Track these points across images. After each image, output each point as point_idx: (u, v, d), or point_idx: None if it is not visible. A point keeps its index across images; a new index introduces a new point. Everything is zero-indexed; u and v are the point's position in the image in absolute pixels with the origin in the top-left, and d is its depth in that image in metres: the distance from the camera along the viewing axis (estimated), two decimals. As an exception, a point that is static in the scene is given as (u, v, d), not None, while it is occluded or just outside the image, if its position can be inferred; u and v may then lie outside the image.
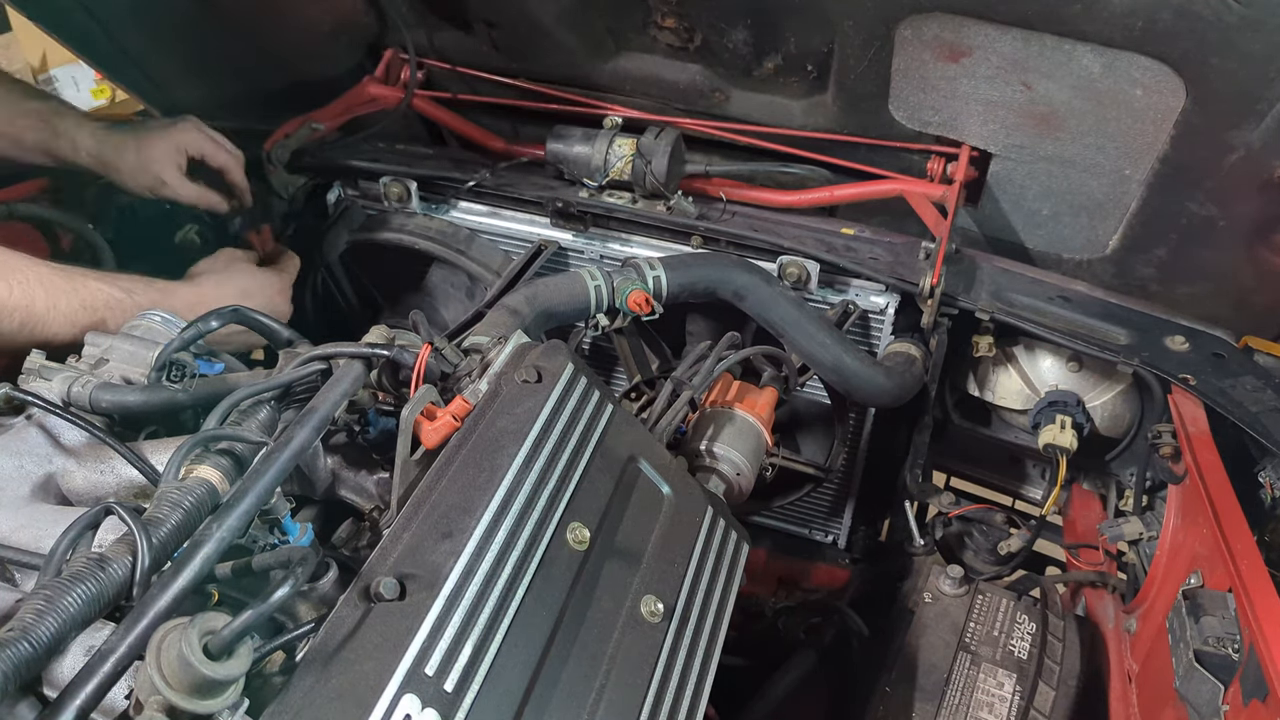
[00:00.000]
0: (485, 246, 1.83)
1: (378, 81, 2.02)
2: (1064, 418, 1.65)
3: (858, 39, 1.60)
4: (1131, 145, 1.57)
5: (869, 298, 1.68)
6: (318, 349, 1.12)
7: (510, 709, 0.85)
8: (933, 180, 1.78)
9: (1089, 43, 1.44)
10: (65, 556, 0.82)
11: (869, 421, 1.83)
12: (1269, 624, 1.05)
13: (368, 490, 1.16)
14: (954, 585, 1.53)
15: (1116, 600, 1.57)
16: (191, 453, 0.94)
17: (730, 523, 1.20)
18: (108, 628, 0.80)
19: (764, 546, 1.99)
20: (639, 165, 1.71)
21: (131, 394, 1.12)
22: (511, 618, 0.88)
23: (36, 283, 1.24)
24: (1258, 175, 1.48)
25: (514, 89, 2.02)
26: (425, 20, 1.97)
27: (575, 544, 0.99)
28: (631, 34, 1.82)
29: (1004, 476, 2.00)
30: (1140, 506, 1.61)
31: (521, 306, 1.37)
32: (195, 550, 0.82)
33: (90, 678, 0.73)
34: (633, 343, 1.75)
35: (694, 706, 1.02)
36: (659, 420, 1.36)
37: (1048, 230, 1.81)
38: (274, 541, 0.96)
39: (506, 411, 1.02)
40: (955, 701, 1.36)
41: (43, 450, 1.08)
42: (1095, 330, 1.59)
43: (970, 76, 1.59)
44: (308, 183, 1.91)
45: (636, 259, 1.54)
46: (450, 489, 0.94)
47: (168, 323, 1.30)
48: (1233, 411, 1.41)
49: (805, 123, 1.84)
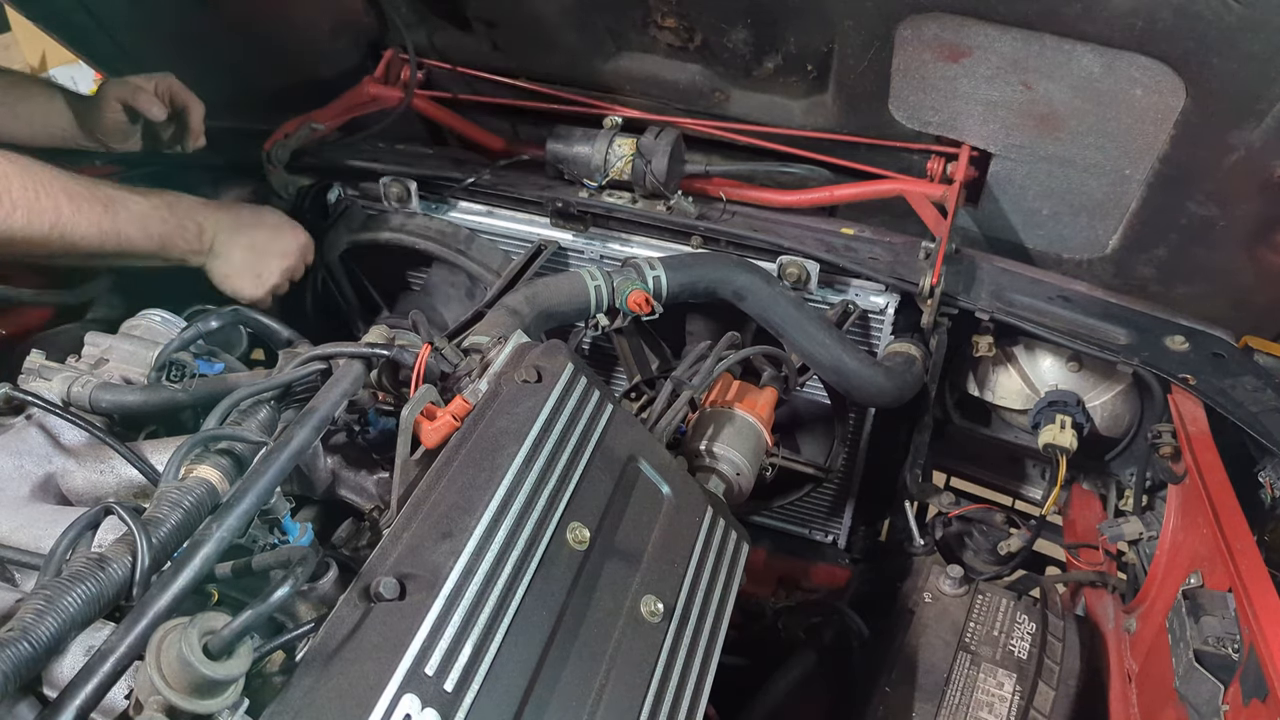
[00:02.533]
0: (485, 246, 1.83)
1: (378, 81, 2.02)
2: (1064, 417, 1.65)
3: (858, 39, 1.60)
4: (1131, 145, 1.57)
5: (869, 298, 1.68)
6: (318, 349, 1.12)
7: (510, 709, 0.85)
8: (933, 180, 1.78)
9: (1089, 43, 1.44)
10: (65, 556, 0.82)
11: (869, 421, 1.82)
12: (1269, 624, 1.05)
13: (368, 490, 1.16)
14: (954, 585, 1.53)
15: (1116, 600, 1.57)
16: (191, 453, 0.94)
17: (730, 523, 1.20)
18: (108, 628, 0.80)
19: (764, 546, 1.99)
20: (639, 165, 1.71)
21: (131, 394, 1.12)
22: (511, 618, 0.88)
23: (61, 191, 1.31)
24: (1258, 175, 1.48)
25: (514, 89, 2.02)
26: (425, 20, 1.97)
27: (575, 544, 0.99)
28: (631, 34, 1.82)
29: (1004, 476, 2.00)
30: (1140, 506, 1.61)
31: (521, 306, 1.37)
32: (195, 550, 0.82)
33: (90, 678, 0.73)
34: (633, 343, 1.75)
35: (694, 706, 1.02)
36: (659, 420, 1.35)
37: (1048, 230, 1.81)
38: (274, 541, 0.96)
39: (506, 411, 1.02)
40: (955, 701, 1.36)
41: (43, 450, 1.08)
42: (1095, 330, 1.59)
43: (970, 76, 1.59)
44: (309, 184, 1.91)
45: (636, 259, 1.54)
46: (450, 489, 0.94)
47: (167, 322, 1.31)
48: (1233, 411, 1.41)
49: (805, 123, 1.84)
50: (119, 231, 1.38)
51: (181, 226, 1.49)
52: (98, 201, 1.36)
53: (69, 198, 1.32)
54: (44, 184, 1.29)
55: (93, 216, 1.34)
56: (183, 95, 1.77)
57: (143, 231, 1.42)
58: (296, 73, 2.10)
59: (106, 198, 1.38)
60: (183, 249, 1.50)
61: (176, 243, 1.49)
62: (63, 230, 1.31)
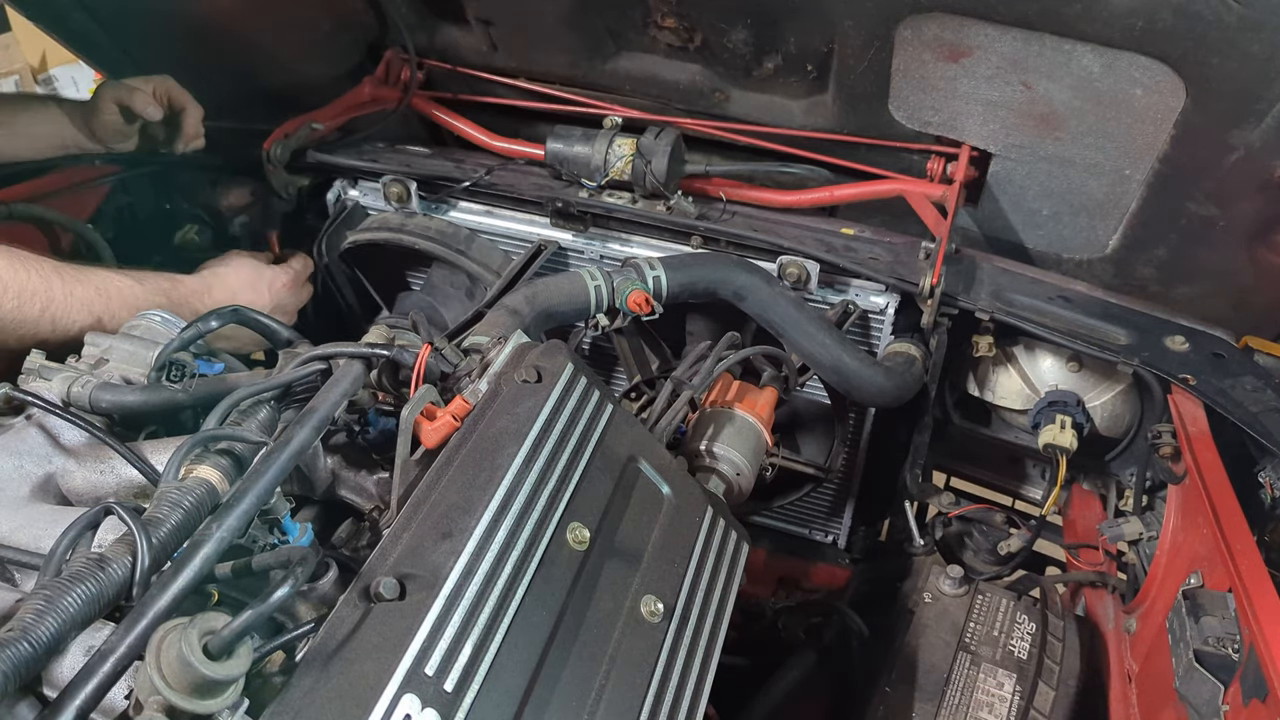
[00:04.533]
0: (485, 246, 1.83)
1: (377, 81, 2.02)
2: (1064, 418, 1.65)
3: (858, 39, 1.60)
4: (1131, 145, 1.57)
5: (869, 298, 1.68)
6: (318, 349, 1.12)
7: (510, 709, 0.85)
8: (933, 180, 1.78)
9: (1089, 43, 1.44)
10: (65, 556, 0.82)
11: (869, 421, 1.82)
12: (1269, 624, 1.05)
13: (368, 490, 1.16)
14: (954, 585, 1.53)
15: (1116, 600, 1.57)
16: (191, 453, 0.94)
17: (730, 523, 1.20)
18: (108, 628, 0.80)
19: (764, 546, 1.99)
20: (639, 165, 1.71)
21: (131, 394, 1.12)
22: (511, 618, 0.88)
23: (52, 272, 1.29)
24: (1258, 175, 1.48)
25: (514, 89, 2.02)
26: (425, 20, 1.97)
27: (575, 544, 0.99)
28: (631, 34, 1.82)
29: (1004, 476, 2.00)
30: (1140, 506, 1.61)
31: (521, 306, 1.37)
32: (195, 550, 0.82)
33: (90, 678, 0.73)
34: (633, 343, 1.75)
35: (694, 706, 1.02)
36: (659, 420, 1.35)
37: (1048, 230, 1.81)
38: (274, 541, 0.96)
39: (506, 411, 1.02)
40: (955, 701, 1.36)
41: (43, 450, 1.08)
42: (1095, 330, 1.59)
43: (970, 76, 1.59)
44: (309, 184, 1.91)
45: (636, 259, 1.54)
46: (450, 489, 0.94)
47: (167, 323, 1.30)
48: (1233, 411, 1.41)
49: (805, 123, 1.84)
50: (113, 315, 1.33)
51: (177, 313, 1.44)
52: (90, 284, 1.32)
53: (60, 279, 1.29)
54: (34, 265, 1.27)
55: (85, 299, 1.31)
56: (180, 98, 1.78)
57: (107, 305, 1.35)
58: (296, 73, 2.10)
59: (100, 281, 1.33)
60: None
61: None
62: (54, 314, 1.27)
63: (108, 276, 1.35)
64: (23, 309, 1.24)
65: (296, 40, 2.06)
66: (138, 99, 1.71)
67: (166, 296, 1.43)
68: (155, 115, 1.73)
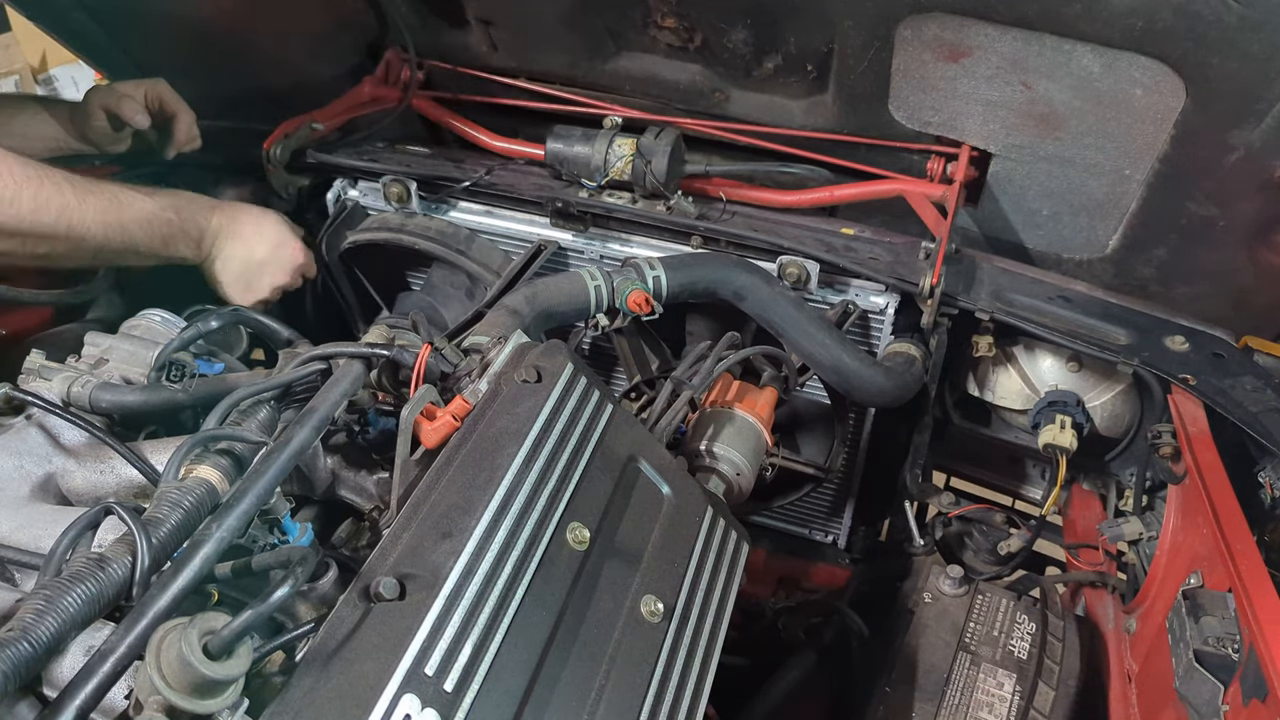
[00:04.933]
0: (485, 246, 1.83)
1: (377, 81, 2.02)
2: (1064, 418, 1.65)
3: (858, 39, 1.60)
4: (1131, 145, 1.57)
5: (869, 298, 1.68)
6: (318, 349, 1.12)
7: (510, 709, 0.85)
8: (933, 180, 1.78)
9: (1089, 43, 1.44)
10: (65, 556, 0.82)
11: (869, 421, 1.82)
12: (1269, 624, 1.05)
13: (368, 490, 1.16)
14: (954, 585, 1.53)
15: (1116, 600, 1.57)
16: (191, 453, 0.94)
17: (730, 523, 1.20)
18: (108, 628, 0.80)
19: (764, 546, 1.99)
20: (639, 165, 1.71)
21: (131, 394, 1.12)
22: (511, 618, 0.88)
23: (64, 181, 1.33)
24: (1258, 175, 1.48)
25: (514, 89, 2.02)
26: (425, 20, 1.97)
27: (575, 544, 0.99)
28: (631, 34, 1.82)
29: (1004, 476, 2.00)
30: (1140, 506, 1.61)
31: (521, 306, 1.37)
32: (195, 550, 0.82)
33: (90, 678, 0.73)
34: (633, 343, 1.75)
35: (694, 706, 1.02)
36: (659, 420, 1.35)
37: (1048, 230, 1.81)
38: (274, 541, 0.96)
39: (506, 411, 1.02)
40: (955, 701, 1.36)
41: (43, 450, 1.08)
42: (1095, 330, 1.59)
43: (970, 76, 1.59)
44: (309, 184, 1.91)
45: (636, 259, 1.54)
46: (450, 489, 0.94)
47: (167, 323, 1.31)
48: (1233, 411, 1.41)
49: (805, 123, 1.84)
50: (124, 227, 1.39)
51: (185, 230, 1.50)
52: (104, 195, 1.37)
53: (74, 187, 1.33)
54: (46, 173, 1.31)
55: (99, 208, 1.35)
56: (172, 103, 1.77)
57: (147, 230, 1.43)
58: (296, 73, 2.10)
59: (112, 193, 1.39)
60: (183, 251, 1.52)
61: (178, 244, 1.50)
62: (70, 220, 1.31)
63: (118, 188, 1.40)
64: (39, 213, 1.28)
65: (296, 40, 2.06)
66: (125, 106, 1.70)
67: (175, 210, 1.48)
68: (143, 123, 1.72)
